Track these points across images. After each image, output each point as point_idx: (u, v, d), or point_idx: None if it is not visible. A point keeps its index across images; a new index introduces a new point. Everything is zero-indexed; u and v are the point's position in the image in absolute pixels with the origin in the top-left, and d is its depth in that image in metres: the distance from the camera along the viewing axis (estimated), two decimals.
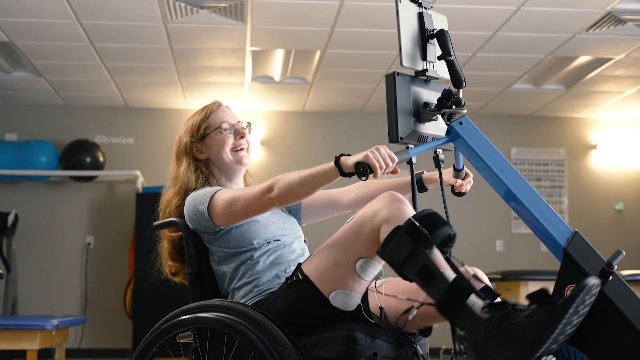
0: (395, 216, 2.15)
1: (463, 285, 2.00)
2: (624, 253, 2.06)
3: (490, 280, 2.51)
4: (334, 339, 2.24)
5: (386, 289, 2.41)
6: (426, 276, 2.03)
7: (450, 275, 2.04)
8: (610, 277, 2.04)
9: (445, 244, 2.12)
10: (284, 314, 2.32)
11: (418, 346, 2.36)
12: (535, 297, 1.96)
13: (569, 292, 2.05)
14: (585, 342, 2.02)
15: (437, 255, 2.08)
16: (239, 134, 2.73)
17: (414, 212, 2.16)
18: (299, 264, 2.40)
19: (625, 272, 6.71)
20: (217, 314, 2.31)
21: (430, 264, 2.03)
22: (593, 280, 1.91)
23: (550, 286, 2.14)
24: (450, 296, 2.00)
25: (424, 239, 2.05)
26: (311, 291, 2.29)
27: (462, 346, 2.04)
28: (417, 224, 2.07)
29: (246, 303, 2.45)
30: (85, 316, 7.82)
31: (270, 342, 2.20)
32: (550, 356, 1.94)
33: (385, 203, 2.19)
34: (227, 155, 2.69)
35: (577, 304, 1.88)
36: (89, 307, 8.69)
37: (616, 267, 2.03)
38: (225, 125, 2.71)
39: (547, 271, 6.68)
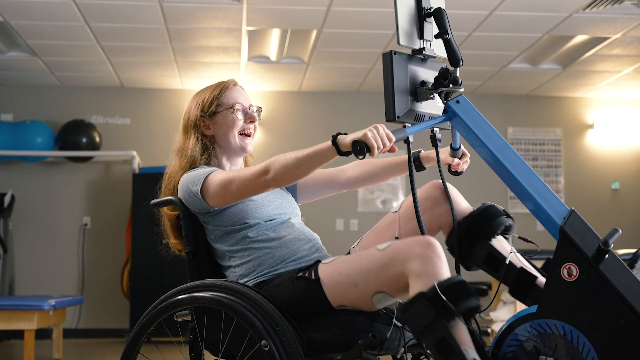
0: (429, 273, 2.06)
1: None
2: (620, 231, 2.06)
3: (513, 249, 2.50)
4: (333, 323, 2.24)
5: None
6: (444, 350, 1.96)
7: (471, 354, 1.98)
8: (607, 256, 2.04)
9: (470, 315, 2.06)
10: (283, 301, 2.31)
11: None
12: None
13: (565, 271, 2.06)
14: (582, 321, 2.03)
15: (460, 327, 2.02)
16: (249, 118, 2.70)
17: (447, 273, 2.08)
18: (318, 262, 2.38)
19: (621, 251, 6.72)
20: (214, 293, 2.31)
21: (450, 338, 1.97)
22: None
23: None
24: None
25: (447, 311, 1.99)
26: (318, 295, 2.28)
27: None
28: (442, 295, 1.99)
29: (247, 283, 2.45)
30: (83, 296, 7.84)
31: (268, 322, 2.20)
32: None
33: (422, 254, 2.10)
34: (235, 137, 2.67)
35: None
36: (86, 287, 8.70)
37: (612, 245, 2.03)
38: (238, 107, 2.68)
39: (544, 250, 6.70)
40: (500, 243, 2.43)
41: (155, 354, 2.79)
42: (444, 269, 2.09)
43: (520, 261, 2.40)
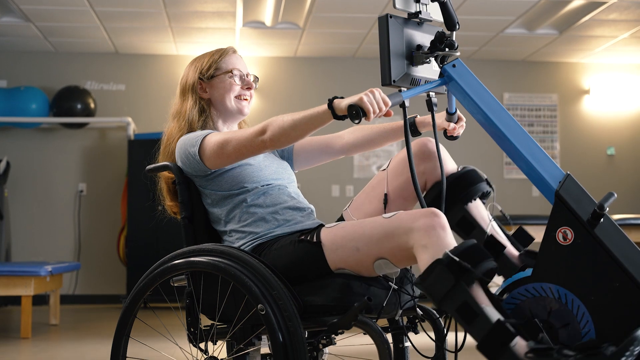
0: (435, 244, 2.07)
1: (506, 327, 1.93)
2: (615, 195, 2.07)
3: (490, 214, 2.50)
4: (329, 286, 2.25)
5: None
6: (467, 314, 1.96)
7: (493, 314, 1.97)
8: (602, 220, 2.05)
9: (487, 276, 2.05)
10: (283, 264, 2.32)
11: (409, 289, 2.37)
12: (582, 348, 1.90)
13: (560, 235, 2.06)
14: (576, 284, 2.04)
15: (478, 290, 2.02)
16: (246, 85, 2.71)
17: (454, 242, 2.08)
18: (321, 225, 2.38)
19: (616, 217, 6.75)
20: (211, 257, 2.31)
21: (471, 301, 1.97)
22: None
23: (541, 231, 2.15)
24: (493, 337, 1.93)
25: (466, 274, 1.98)
26: (318, 257, 2.29)
27: None
28: (458, 259, 1.99)
29: (245, 246, 2.46)
30: (79, 262, 7.86)
31: (265, 286, 2.21)
32: None
33: (426, 226, 2.10)
34: (231, 101, 2.67)
35: (627, 357, 1.83)
36: (82, 253, 8.72)
37: (607, 209, 2.04)
38: (236, 72, 2.69)
39: (539, 215, 6.72)
40: (478, 209, 2.43)
41: (153, 320, 2.80)
42: (450, 238, 2.09)
43: (493, 229, 2.40)
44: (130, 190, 8.16)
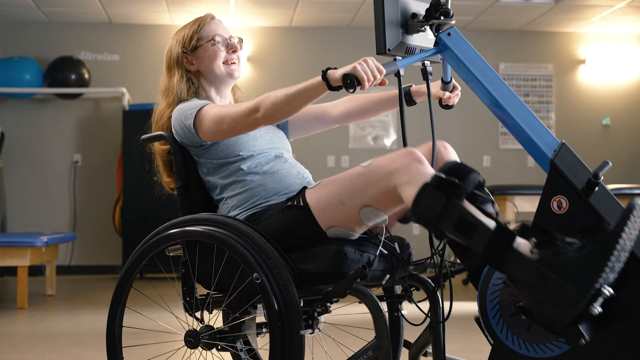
0: (417, 176, 2.08)
1: (505, 229, 1.94)
2: (610, 164, 2.07)
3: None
4: (323, 254, 2.25)
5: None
6: (465, 228, 1.96)
7: (490, 222, 1.98)
8: (597, 188, 2.05)
9: (476, 192, 2.07)
10: (276, 233, 2.32)
11: (405, 256, 2.38)
12: (585, 228, 1.92)
13: (554, 204, 2.06)
14: None
15: (470, 205, 2.03)
16: (231, 48, 2.70)
17: (434, 171, 2.10)
18: (304, 188, 2.39)
19: (611, 186, 6.76)
20: (206, 227, 2.32)
21: (466, 214, 1.97)
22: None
23: (536, 201, 2.15)
24: (495, 244, 1.94)
25: (455, 189, 1.99)
26: (309, 220, 2.29)
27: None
28: (445, 176, 2.01)
29: (239, 215, 2.46)
30: (75, 233, 7.87)
31: (260, 255, 2.22)
32: (610, 288, 1.87)
33: (404, 164, 2.12)
34: (219, 67, 2.66)
35: (629, 228, 1.83)
36: (78, 224, 8.73)
37: (602, 178, 2.04)
38: (218, 38, 2.67)
39: (534, 186, 6.73)
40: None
41: (149, 290, 2.81)
42: (430, 169, 2.11)
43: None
44: (125, 160, 8.15)
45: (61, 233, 7.23)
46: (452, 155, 2.42)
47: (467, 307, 5.31)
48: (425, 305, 2.36)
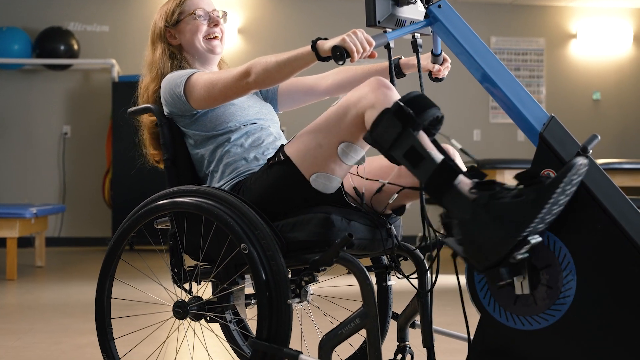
0: (382, 101, 2.12)
1: (451, 165, 2.01)
2: (599, 137, 2.07)
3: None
4: (310, 222, 2.26)
5: (361, 169, 2.41)
6: (414, 158, 2.03)
7: (438, 156, 2.04)
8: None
9: (433, 126, 2.12)
10: (263, 196, 2.32)
11: (393, 227, 2.38)
12: (523, 177, 1.97)
13: (546, 175, 2.07)
14: (559, 225, 2.05)
15: (424, 137, 2.08)
16: (213, 22, 2.68)
17: (399, 97, 2.14)
18: (282, 145, 2.39)
19: (600, 161, 6.78)
20: (194, 198, 2.32)
21: (418, 145, 2.03)
22: (580, 160, 1.92)
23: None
24: (438, 177, 2.01)
25: (412, 120, 2.04)
26: (292, 172, 2.29)
27: (443, 227, 2.06)
28: (404, 105, 2.06)
29: (225, 185, 2.46)
30: (64, 205, 7.86)
31: (247, 226, 2.22)
32: (537, 236, 1.96)
33: (372, 88, 2.17)
34: (200, 42, 2.65)
35: (565, 184, 1.89)
36: (67, 196, 8.72)
37: (591, 151, 2.04)
38: (199, 12, 2.66)
39: (524, 160, 6.75)
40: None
41: (138, 262, 2.81)
42: (396, 95, 2.15)
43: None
44: (115, 132, 8.13)
45: (50, 205, 7.23)
46: None
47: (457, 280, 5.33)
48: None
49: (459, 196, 1.98)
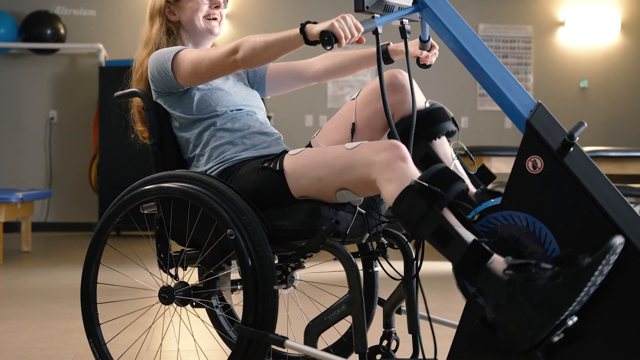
0: (398, 176, 2.06)
1: (483, 247, 1.94)
2: (585, 124, 2.07)
3: (454, 152, 2.51)
4: (297, 211, 2.26)
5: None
6: (443, 238, 1.97)
7: (468, 235, 1.98)
8: (572, 149, 2.06)
9: (460, 199, 2.06)
10: (247, 191, 2.32)
11: (381, 217, 2.38)
12: (560, 259, 1.93)
13: (529, 164, 2.07)
14: (545, 212, 2.05)
15: (450, 213, 2.03)
16: (214, 4, 2.67)
17: (417, 172, 2.09)
18: (285, 152, 2.37)
19: (587, 149, 6.80)
20: (181, 183, 2.31)
21: (446, 224, 1.97)
22: (618, 240, 1.87)
23: (512, 162, 2.15)
24: (470, 259, 1.95)
25: (438, 198, 1.98)
26: (281, 186, 2.28)
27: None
28: (427, 184, 1.99)
29: (211, 170, 2.45)
30: (51, 190, 7.83)
31: (234, 212, 2.21)
32: (574, 317, 1.91)
33: (388, 159, 2.09)
34: (200, 21, 2.63)
35: (603, 265, 1.84)
36: (54, 181, 8.68)
37: (577, 138, 2.04)
38: None
39: (511, 147, 6.76)
40: (442, 146, 2.43)
41: (125, 247, 2.81)
42: (412, 169, 2.10)
43: (456, 167, 2.41)
44: (101, 117, 8.09)
45: (37, 190, 7.20)
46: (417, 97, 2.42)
47: (443, 266, 5.35)
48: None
49: (493, 279, 1.93)
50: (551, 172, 2.06)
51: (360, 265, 2.38)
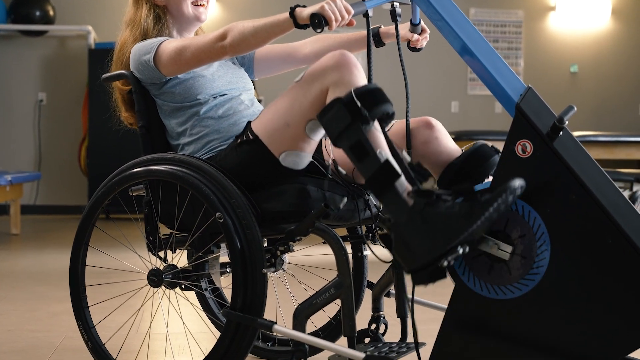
0: (345, 81, 2.13)
1: (393, 167, 2.02)
2: (575, 109, 2.07)
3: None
4: (286, 192, 2.25)
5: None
6: (359, 152, 2.04)
7: (384, 155, 2.05)
8: (561, 133, 2.06)
9: (383, 122, 2.12)
10: (234, 172, 2.31)
11: (370, 198, 2.38)
12: (459, 191, 2.02)
13: (519, 147, 2.07)
14: (534, 196, 2.05)
15: (374, 132, 2.09)
16: None
17: (364, 79, 2.15)
18: (249, 122, 2.37)
19: (577, 133, 6.82)
20: (170, 166, 2.30)
21: (364, 140, 2.04)
22: (518, 182, 1.96)
23: (502, 146, 2.15)
24: (379, 176, 2.03)
25: (362, 116, 2.04)
26: (262, 151, 2.27)
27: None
28: (357, 99, 2.05)
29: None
30: (40, 172, 7.80)
31: (223, 195, 2.21)
32: (467, 247, 2.00)
33: (336, 64, 2.16)
34: (187, 6, 2.61)
35: (499, 204, 1.93)
36: (43, 163, 8.65)
37: (567, 122, 2.04)
38: None
39: (501, 131, 6.77)
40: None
41: (114, 230, 2.80)
42: (361, 77, 2.16)
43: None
44: (91, 100, 8.07)
45: (25, 172, 7.18)
46: (442, 135, 2.43)
47: None
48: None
49: (397, 199, 2.01)
50: (540, 156, 2.06)
51: (349, 249, 2.38)
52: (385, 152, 2.07)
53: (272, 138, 2.26)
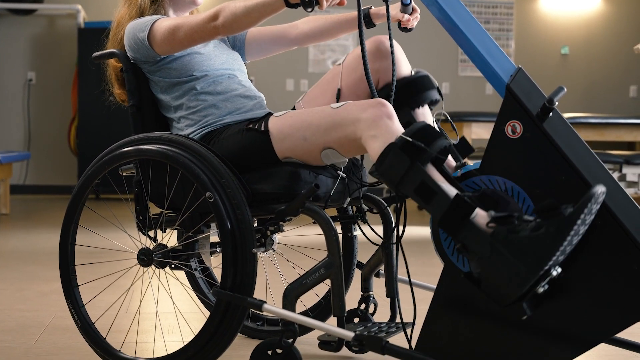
0: (384, 133, 2.07)
1: (465, 201, 1.94)
2: (565, 90, 2.07)
3: (435, 121, 2.51)
4: (277, 174, 2.25)
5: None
6: (426, 194, 1.97)
7: (451, 190, 1.98)
8: (551, 114, 2.06)
9: (444, 155, 2.06)
10: (231, 153, 2.31)
11: (358, 176, 2.39)
12: (542, 209, 1.92)
13: (509, 128, 2.07)
14: (523, 177, 2.06)
15: (433, 169, 2.03)
16: None
17: (402, 129, 2.09)
18: (270, 114, 2.36)
19: (567, 115, 6.83)
20: (160, 146, 2.29)
21: (428, 180, 1.97)
22: (600, 189, 1.87)
23: (492, 127, 2.16)
24: (453, 213, 1.95)
25: (421, 153, 1.99)
26: (265, 146, 2.27)
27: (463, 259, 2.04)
28: (411, 139, 1.99)
29: (194, 134, 2.44)
30: (29, 152, 7.77)
31: (213, 174, 2.21)
32: (558, 268, 1.92)
33: (374, 116, 2.10)
34: None
35: (585, 214, 1.84)
36: (32, 143, 8.62)
37: (557, 103, 2.04)
38: None
39: (491, 113, 6.78)
40: (425, 116, 2.42)
41: (104, 210, 2.80)
42: (398, 126, 2.10)
43: None
44: (80, 79, 8.03)
45: (15, 152, 7.15)
46: (402, 64, 2.42)
47: (422, 231, 5.38)
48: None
49: (476, 232, 1.93)
50: (530, 137, 2.06)
51: (339, 229, 2.39)
52: (449, 188, 2.00)
53: (283, 142, 2.26)
